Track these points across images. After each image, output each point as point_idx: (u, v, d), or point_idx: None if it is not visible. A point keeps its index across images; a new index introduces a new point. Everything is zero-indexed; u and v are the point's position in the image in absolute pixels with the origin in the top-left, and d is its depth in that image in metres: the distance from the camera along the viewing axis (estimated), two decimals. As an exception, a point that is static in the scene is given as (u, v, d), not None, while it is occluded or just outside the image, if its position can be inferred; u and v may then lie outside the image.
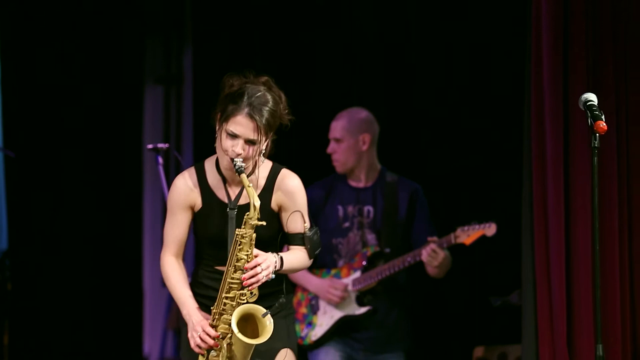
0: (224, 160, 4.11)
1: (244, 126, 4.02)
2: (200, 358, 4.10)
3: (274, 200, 4.18)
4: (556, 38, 4.89)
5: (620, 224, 4.89)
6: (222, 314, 4.07)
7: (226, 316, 4.04)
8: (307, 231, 4.18)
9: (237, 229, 4.04)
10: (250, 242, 4.02)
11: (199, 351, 4.09)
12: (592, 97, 4.07)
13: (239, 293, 4.03)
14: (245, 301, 4.02)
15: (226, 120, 4.05)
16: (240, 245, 4.03)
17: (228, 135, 4.05)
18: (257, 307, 4.02)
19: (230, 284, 4.05)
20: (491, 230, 5.35)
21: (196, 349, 4.09)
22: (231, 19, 6.77)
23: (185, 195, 4.19)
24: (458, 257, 5.55)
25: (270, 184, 4.18)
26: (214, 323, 4.09)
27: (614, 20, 4.92)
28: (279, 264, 4.07)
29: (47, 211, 7.05)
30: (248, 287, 4.01)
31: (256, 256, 4.03)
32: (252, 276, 4.00)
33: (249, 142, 4.04)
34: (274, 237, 4.19)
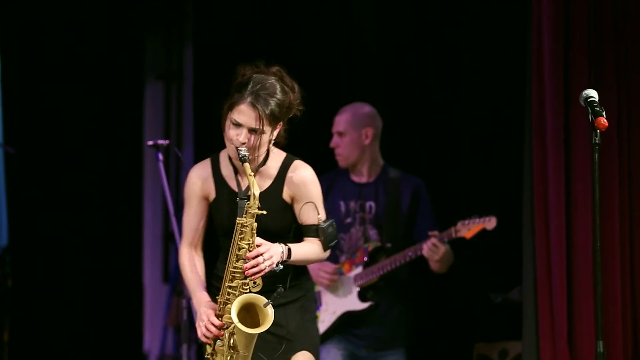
0: (231, 149, 4.10)
1: (247, 115, 4.01)
2: (208, 348, 4.10)
3: (286, 191, 4.15)
4: (557, 34, 4.90)
5: (621, 220, 4.89)
6: (227, 304, 4.06)
7: (230, 306, 4.02)
8: (321, 222, 4.15)
9: (237, 218, 4.03)
10: (252, 231, 4.00)
11: (206, 340, 4.09)
12: (593, 93, 4.06)
13: (242, 283, 4.01)
14: (248, 291, 4.00)
15: (231, 109, 4.04)
16: (241, 235, 4.01)
17: (232, 124, 4.04)
18: (258, 296, 3.99)
19: (233, 273, 4.03)
20: (491, 224, 5.34)
21: (202, 338, 4.09)
22: (232, 15, 6.76)
23: (199, 185, 4.20)
24: (459, 253, 5.54)
25: (281, 175, 4.15)
26: (219, 312, 4.08)
27: (615, 16, 4.92)
28: (286, 254, 4.04)
29: (47, 207, 7.04)
30: (250, 276, 3.98)
31: (259, 245, 4.00)
32: (254, 266, 3.97)
33: (252, 131, 4.02)
34: (286, 229, 4.16)
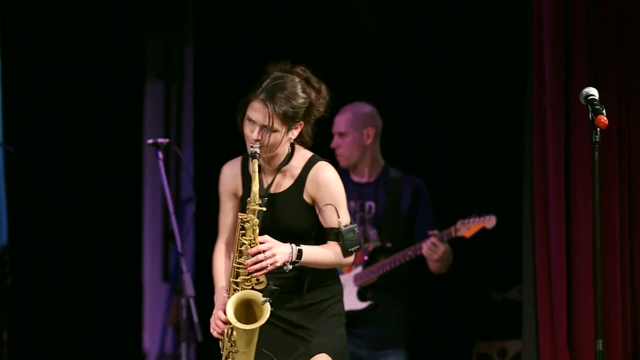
0: (247, 146, 4.08)
1: (259, 112, 3.99)
2: (220, 343, 4.10)
3: (306, 192, 4.09)
4: (557, 34, 4.89)
5: (621, 218, 4.88)
6: None
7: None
8: (341, 227, 4.05)
9: (239, 213, 4.03)
10: (253, 228, 3.98)
11: (217, 336, 4.09)
12: (593, 91, 4.06)
13: (245, 279, 3.99)
14: (250, 287, 3.99)
15: (246, 105, 4.04)
16: (243, 230, 4.00)
17: (247, 121, 4.04)
18: (255, 293, 3.97)
19: (237, 269, 4.02)
20: (491, 223, 5.34)
21: (213, 333, 4.09)
22: (232, 15, 6.76)
23: (228, 183, 4.20)
24: (459, 252, 5.54)
25: (303, 175, 4.09)
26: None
27: (615, 16, 4.92)
28: (295, 255, 3.98)
29: (47, 206, 7.03)
30: (252, 273, 3.95)
31: (262, 243, 3.97)
32: (255, 262, 3.95)
33: (264, 128, 4.00)
34: (307, 230, 4.10)
